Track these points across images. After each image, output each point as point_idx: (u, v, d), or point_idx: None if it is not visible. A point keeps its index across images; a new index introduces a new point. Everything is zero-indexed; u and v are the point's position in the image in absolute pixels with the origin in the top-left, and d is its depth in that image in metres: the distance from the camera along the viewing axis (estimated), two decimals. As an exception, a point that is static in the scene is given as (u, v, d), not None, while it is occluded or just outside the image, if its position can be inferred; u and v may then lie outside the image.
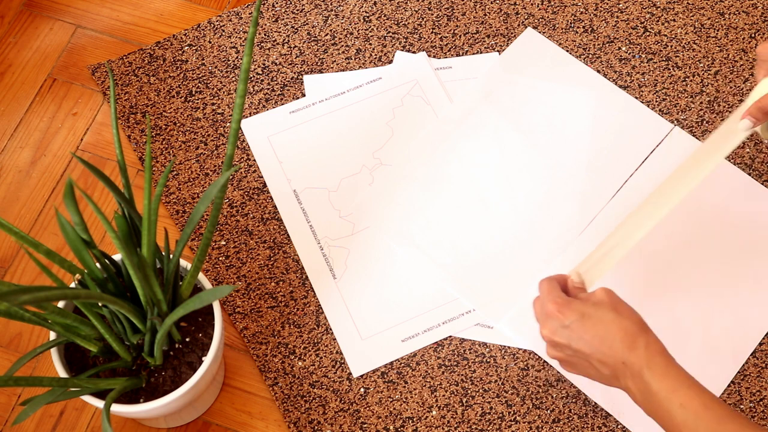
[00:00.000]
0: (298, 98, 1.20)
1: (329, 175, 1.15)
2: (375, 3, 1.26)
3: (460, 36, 1.24)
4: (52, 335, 0.91)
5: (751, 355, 1.05)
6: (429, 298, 1.08)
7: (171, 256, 0.90)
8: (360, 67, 1.22)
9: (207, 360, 0.91)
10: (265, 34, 1.24)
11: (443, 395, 1.04)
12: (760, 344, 1.06)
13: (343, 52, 1.23)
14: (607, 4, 1.26)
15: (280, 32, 1.24)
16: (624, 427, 1.01)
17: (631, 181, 1.14)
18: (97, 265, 0.89)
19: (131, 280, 0.89)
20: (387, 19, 1.25)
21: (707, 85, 1.20)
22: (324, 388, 1.04)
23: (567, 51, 1.23)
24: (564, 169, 1.15)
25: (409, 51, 1.23)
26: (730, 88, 1.20)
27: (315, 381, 1.04)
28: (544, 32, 1.24)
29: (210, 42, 1.24)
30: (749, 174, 1.15)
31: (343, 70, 1.22)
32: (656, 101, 1.19)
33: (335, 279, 1.09)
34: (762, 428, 0.80)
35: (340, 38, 1.24)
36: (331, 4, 1.26)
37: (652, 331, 0.87)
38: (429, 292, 1.09)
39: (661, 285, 1.08)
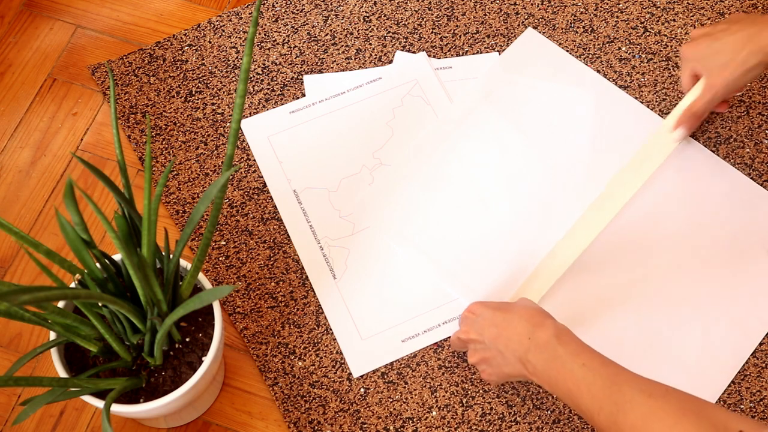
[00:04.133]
0: (298, 98, 1.20)
1: (329, 175, 1.15)
2: (375, 3, 1.26)
3: (460, 36, 1.24)
4: (52, 335, 0.91)
5: (751, 355, 1.05)
6: (429, 298, 1.08)
7: (171, 256, 0.90)
8: (360, 67, 1.22)
9: (207, 360, 0.91)
10: (265, 34, 1.24)
11: (443, 396, 1.04)
12: (760, 344, 1.06)
13: (343, 52, 1.23)
14: (607, 4, 1.26)
15: (280, 32, 1.24)
16: (624, 427, 1.01)
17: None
18: (97, 265, 0.89)
19: (131, 280, 0.89)
20: (387, 19, 1.25)
21: (707, 85, 1.20)
22: (324, 388, 1.04)
23: (567, 51, 1.23)
24: (564, 169, 1.15)
25: (409, 51, 1.23)
26: (730, 88, 1.20)
27: (315, 381, 1.04)
28: (544, 32, 1.24)
29: (210, 42, 1.24)
30: (749, 174, 1.15)
31: (343, 70, 1.22)
32: (656, 101, 1.19)
33: (335, 279, 1.09)
34: (650, 380, 0.83)
35: (340, 38, 1.24)
36: (331, 4, 1.26)
37: None
38: (429, 292, 1.08)
39: (661, 285, 1.08)
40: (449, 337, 1.06)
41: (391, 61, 1.22)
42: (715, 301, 1.07)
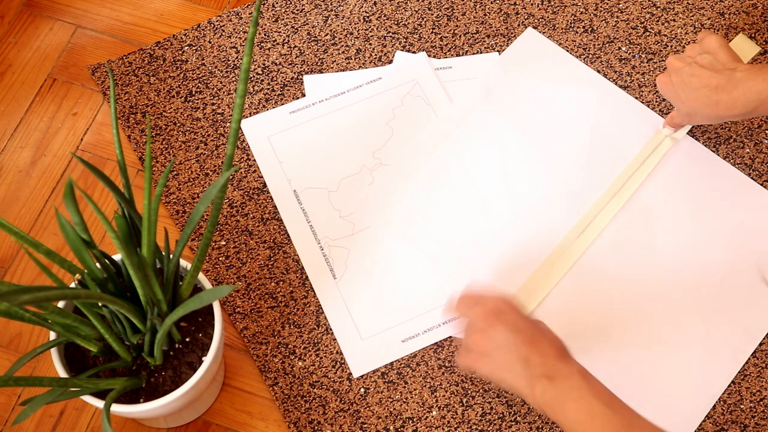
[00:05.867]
0: (298, 98, 1.20)
1: (329, 175, 1.15)
2: (375, 3, 1.26)
3: (460, 36, 1.24)
4: (52, 335, 0.91)
5: (751, 355, 1.05)
6: (429, 298, 1.08)
7: (171, 256, 0.90)
8: (360, 67, 1.22)
9: (207, 360, 0.91)
10: (265, 34, 1.24)
11: (443, 395, 1.04)
12: (760, 344, 1.06)
13: (343, 52, 1.23)
14: (607, 4, 1.26)
15: (280, 32, 1.24)
16: (624, 427, 1.01)
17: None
18: (97, 265, 0.89)
19: (131, 280, 0.89)
20: (387, 19, 1.25)
21: (707, 85, 1.20)
22: (324, 388, 1.04)
23: (567, 51, 1.23)
24: (564, 169, 1.15)
25: (409, 51, 1.23)
26: (730, 88, 1.20)
27: (315, 381, 1.04)
28: (544, 32, 1.24)
29: (210, 42, 1.24)
30: (749, 174, 1.15)
31: (343, 70, 1.22)
32: (656, 101, 1.19)
33: (335, 279, 1.09)
34: (663, 430, 0.83)
35: (340, 38, 1.24)
36: (331, 4, 1.26)
37: None
38: (429, 292, 1.08)
39: (661, 285, 1.08)
40: (449, 337, 1.06)
41: (391, 61, 1.22)
42: (715, 301, 1.07)
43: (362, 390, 1.04)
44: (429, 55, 1.23)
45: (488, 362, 0.92)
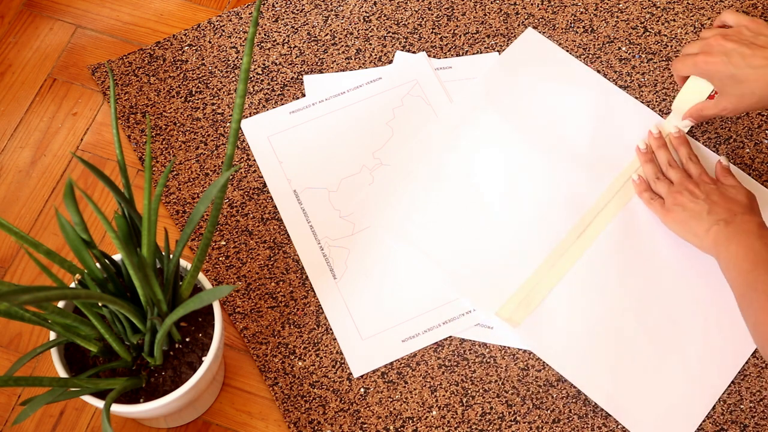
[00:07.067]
0: (298, 98, 1.20)
1: (329, 175, 1.15)
2: (375, 3, 1.26)
3: (460, 36, 1.24)
4: (52, 335, 0.91)
5: (751, 355, 1.05)
6: (429, 298, 1.08)
7: (171, 256, 0.90)
8: (360, 67, 1.22)
9: (207, 360, 0.91)
10: (265, 34, 1.24)
11: (443, 395, 1.04)
12: (760, 344, 1.06)
13: (343, 52, 1.23)
14: (607, 4, 1.26)
15: (280, 32, 1.24)
16: (624, 427, 1.01)
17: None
18: (97, 265, 0.89)
19: (131, 280, 0.89)
20: (387, 19, 1.25)
21: (707, 85, 1.20)
22: (324, 388, 1.04)
23: (567, 51, 1.23)
24: (563, 169, 1.15)
25: (409, 51, 1.23)
26: (730, 88, 1.20)
27: (315, 381, 1.04)
28: (544, 32, 1.24)
29: (210, 42, 1.24)
30: (749, 174, 1.15)
31: (343, 70, 1.22)
32: (656, 101, 1.19)
33: (335, 279, 1.09)
34: None
35: (340, 38, 1.24)
36: (331, 4, 1.26)
37: None
38: (429, 292, 1.08)
39: (661, 284, 1.08)
40: (449, 337, 1.06)
41: (391, 61, 1.22)
42: (715, 301, 1.07)
43: (362, 390, 1.04)
44: (429, 55, 1.23)
45: (681, 212, 1.05)
